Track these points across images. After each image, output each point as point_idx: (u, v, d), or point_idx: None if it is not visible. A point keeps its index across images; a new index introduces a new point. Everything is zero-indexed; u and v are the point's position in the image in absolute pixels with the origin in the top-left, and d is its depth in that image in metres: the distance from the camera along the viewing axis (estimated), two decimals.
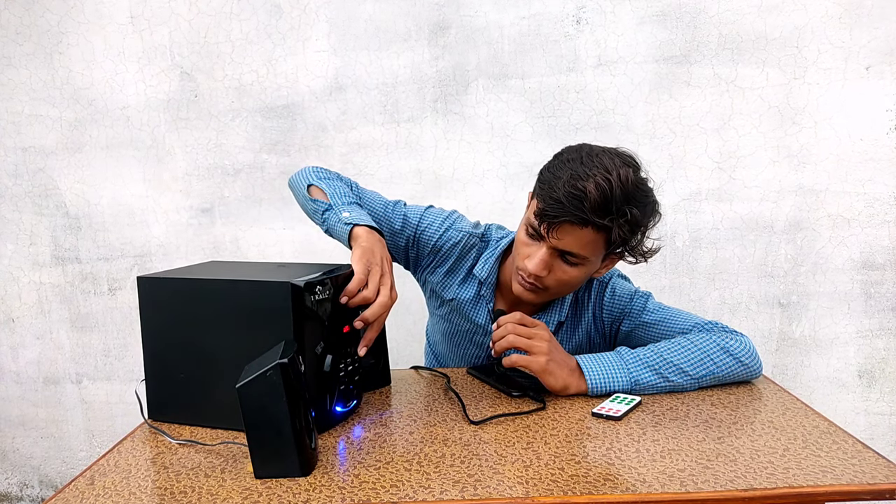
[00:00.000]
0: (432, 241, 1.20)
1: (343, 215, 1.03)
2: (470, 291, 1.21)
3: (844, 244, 1.74)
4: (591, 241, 0.99)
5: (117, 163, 1.91)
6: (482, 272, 1.18)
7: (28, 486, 2.15)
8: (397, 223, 1.19)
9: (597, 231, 0.98)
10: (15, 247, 1.99)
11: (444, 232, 1.20)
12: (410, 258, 1.24)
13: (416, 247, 1.22)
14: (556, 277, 1.04)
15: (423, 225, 1.20)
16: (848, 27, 1.65)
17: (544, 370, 0.98)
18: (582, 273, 1.05)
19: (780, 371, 1.82)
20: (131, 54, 1.85)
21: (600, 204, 0.95)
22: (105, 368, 2.03)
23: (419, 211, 1.22)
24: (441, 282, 1.23)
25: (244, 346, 0.84)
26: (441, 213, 1.23)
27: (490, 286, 1.19)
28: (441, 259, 1.22)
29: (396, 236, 1.20)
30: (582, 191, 0.95)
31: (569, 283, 1.06)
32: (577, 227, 0.97)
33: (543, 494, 0.69)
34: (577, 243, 0.99)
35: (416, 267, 1.26)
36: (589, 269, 1.05)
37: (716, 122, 1.72)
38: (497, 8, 1.74)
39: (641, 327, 1.15)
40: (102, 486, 0.76)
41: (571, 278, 1.04)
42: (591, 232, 0.98)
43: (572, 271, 1.04)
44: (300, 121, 1.84)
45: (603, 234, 0.98)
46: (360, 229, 1.00)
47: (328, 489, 0.72)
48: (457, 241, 1.20)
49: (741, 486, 0.70)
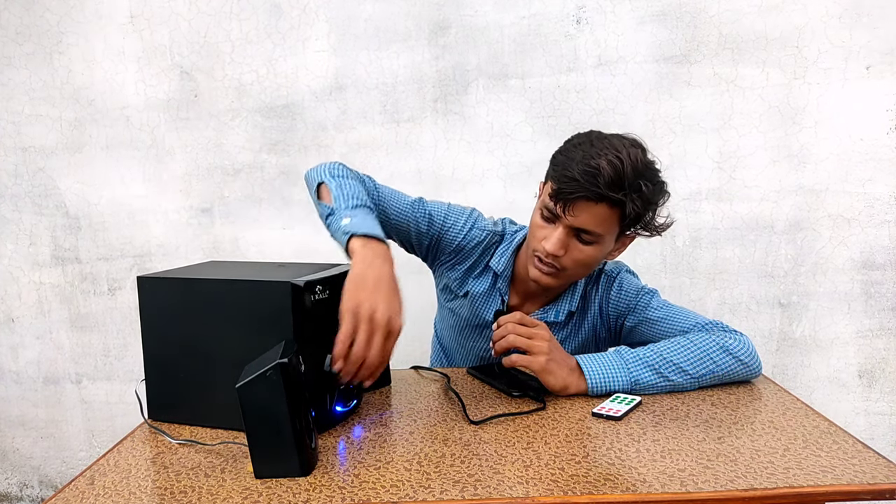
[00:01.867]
0: (456, 241, 1.21)
1: (343, 222, 0.94)
2: (485, 284, 1.22)
3: (844, 244, 1.74)
4: (606, 218, 1.02)
5: (117, 163, 1.91)
6: (499, 265, 1.20)
7: (28, 486, 2.15)
8: (423, 224, 1.19)
9: (611, 207, 1.01)
10: (15, 247, 1.99)
11: (468, 231, 1.21)
12: (430, 255, 1.25)
13: (437, 245, 1.23)
14: (573, 257, 1.06)
15: (448, 225, 1.21)
16: (848, 27, 1.64)
17: (544, 369, 0.98)
18: (597, 252, 1.06)
19: (780, 371, 1.82)
20: (131, 54, 1.85)
21: (613, 179, 0.98)
22: (105, 368, 2.03)
23: (442, 210, 1.21)
24: (459, 278, 1.24)
25: (244, 346, 0.84)
26: (464, 213, 1.23)
27: (505, 279, 1.21)
28: (462, 257, 1.23)
29: (422, 237, 1.20)
30: (595, 168, 0.98)
31: (585, 263, 1.08)
32: (593, 204, 1.00)
33: (543, 494, 0.69)
34: (592, 220, 1.02)
35: (434, 262, 1.27)
36: (604, 249, 1.07)
37: (716, 122, 1.72)
38: (497, 8, 1.74)
39: (645, 323, 1.16)
40: (102, 486, 0.76)
41: (587, 257, 1.06)
42: (605, 208, 1.01)
43: (588, 250, 1.05)
44: (300, 121, 1.84)
45: (617, 209, 1.01)
46: (356, 242, 0.90)
47: (328, 489, 0.72)
48: (480, 239, 1.22)
49: (741, 486, 0.69)
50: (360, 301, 0.82)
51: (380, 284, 0.85)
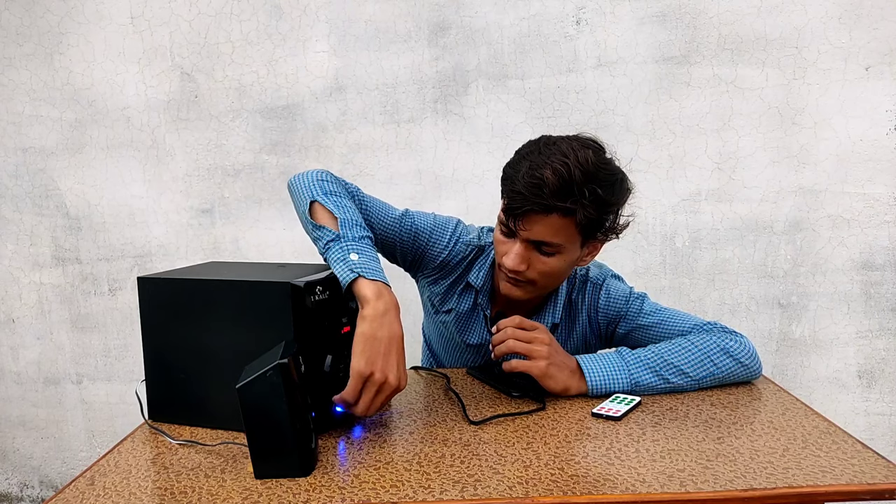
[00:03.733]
0: (441, 257, 1.18)
1: (351, 257, 0.90)
2: (467, 303, 1.20)
3: (844, 244, 1.74)
4: (561, 228, 0.98)
5: (117, 163, 1.91)
6: (477, 280, 1.17)
7: (28, 487, 2.15)
8: (409, 240, 1.16)
9: (563, 216, 0.97)
10: (15, 247, 2.00)
11: (453, 247, 1.18)
12: (413, 268, 1.24)
13: (422, 260, 1.20)
14: (538, 270, 1.03)
15: (433, 241, 1.18)
16: (848, 27, 1.65)
17: (544, 374, 0.98)
18: (562, 262, 1.03)
19: (779, 371, 1.82)
20: (131, 55, 1.85)
21: (559, 188, 0.95)
22: (105, 369, 2.03)
23: (428, 225, 1.18)
24: (442, 293, 1.22)
25: (244, 347, 0.85)
26: (448, 227, 1.20)
27: (486, 293, 1.18)
28: (447, 272, 1.21)
29: (407, 252, 1.18)
30: (540, 178, 0.95)
31: (552, 274, 1.05)
32: (543, 216, 0.97)
33: (543, 494, 0.69)
34: (546, 231, 0.99)
35: (418, 274, 1.25)
36: (569, 258, 1.04)
37: (716, 123, 1.73)
38: (497, 8, 1.74)
39: (639, 329, 1.14)
40: (102, 487, 0.76)
41: (552, 269, 1.03)
42: (557, 218, 0.97)
43: (551, 261, 1.02)
44: (300, 121, 1.84)
45: (570, 218, 0.97)
46: (365, 287, 0.87)
47: (328, 489, 0.73)
48: (465, 254, 1.19)
49: (741, 486, 0.70)
50: (374, 366, 0.84)
51: (391, 347, 0.85)
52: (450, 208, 1.82)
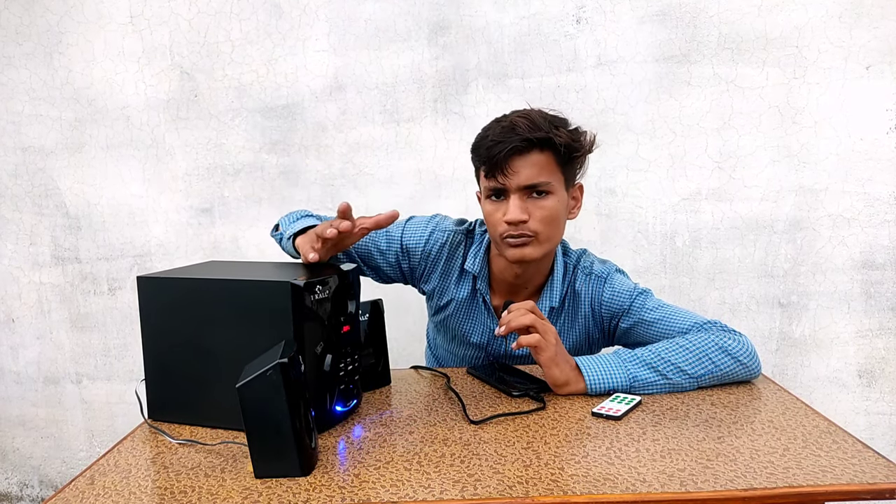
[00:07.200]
0: (419, 246, 1.22)
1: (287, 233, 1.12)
2: (465, 290, 1.22)
3: (844, 244, 1.74)
4: (545, 164, 1.06)
5: (117, 163, 1.91)
6: (474, 266, 1.20)
7: (28, 486, 2.15)
8: (382, 243, 1.22)
9: (542, 150, 1.05)
10: (15, 247, 1.99)
11: (429, 236, 1.22)
12: (405, 271, 1.26)
13: (406, 257, 1.24)
14: (537, 217, 1.07)
15: (408, 234, 1.23)
16: (848, 27, 1.64)
17: (552, 360, 0.99)
18: (556, 203, 1.08)
19: (779, 371, 1.82)
20: (131, 54, 1.85)
21: (530, 127, 1.05)
22: (105, 368, 2.03)
23: (400, 224, 1.24)
24: (437, 286, 1.24)
25: (244, 346, 0.84)
26: (423, 219, 1.25)
27: (484, 279, 1.21)
28: (433, 263, 1.23)
29: (385, 255, 1.23)
30: (509, 123, 1.06)
31: (551, 218, 1.08)
32: (524, 156, 1.04)
33: (543, 494, 0.69)
34: (533, 170, 1.05)
35: (413, 278, 1.28)
36: (560, 199, 1.09)
37: (716, 122, 1.72)
38: (497, 8, 1.74)
39: (641, 325, 1.15)
40: (102, 486, 0.76)
41: (550, 211, 1.08)
42: (537, 155, 1.05)
43: (547, 203, 1.07)
44: (300, 121, 1.84)
45: (548, 150, 1.06)
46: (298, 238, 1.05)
47: (328, 489, 0.73)
48: (444, 241, 1.22)
49: (741, 486, 0.70)
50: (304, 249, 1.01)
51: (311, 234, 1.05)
52: (450, 208, 1.82)
